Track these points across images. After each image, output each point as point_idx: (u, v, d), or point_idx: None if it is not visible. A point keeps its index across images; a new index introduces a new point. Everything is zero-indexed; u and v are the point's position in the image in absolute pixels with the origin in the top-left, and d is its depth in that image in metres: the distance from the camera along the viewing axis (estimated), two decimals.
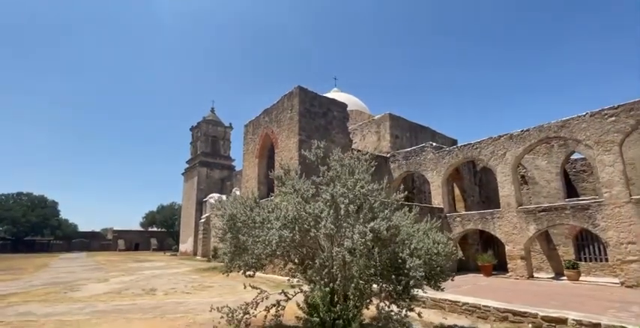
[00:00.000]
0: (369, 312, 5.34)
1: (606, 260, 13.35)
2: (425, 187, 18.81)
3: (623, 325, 4.47)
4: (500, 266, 14.18)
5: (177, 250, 36.40)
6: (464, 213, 16.25)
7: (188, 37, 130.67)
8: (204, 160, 32.88)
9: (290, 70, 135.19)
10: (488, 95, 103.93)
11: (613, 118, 11.12)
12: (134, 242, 52.52)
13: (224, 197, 20.70)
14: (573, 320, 4.92)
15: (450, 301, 6.85)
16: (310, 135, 14.70)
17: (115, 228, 54.27)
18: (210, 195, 29.50)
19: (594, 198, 12.40)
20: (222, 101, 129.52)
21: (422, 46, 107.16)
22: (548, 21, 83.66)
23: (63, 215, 53.74)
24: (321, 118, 15.47)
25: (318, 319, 4.74)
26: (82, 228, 58.11)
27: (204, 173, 32.38)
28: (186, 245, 32.45)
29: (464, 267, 16.02)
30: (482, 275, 13.93)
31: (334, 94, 28.66)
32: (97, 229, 60.04)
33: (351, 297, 4.58)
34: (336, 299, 4.91)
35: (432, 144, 17.34)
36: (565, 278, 12.70)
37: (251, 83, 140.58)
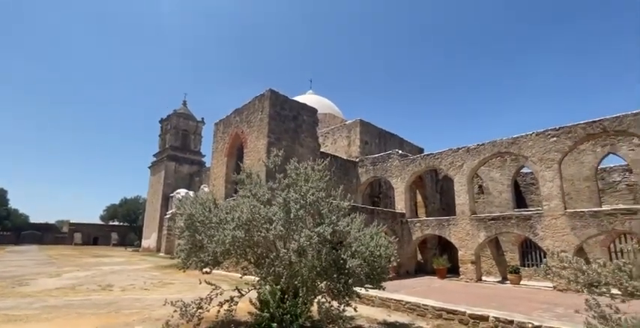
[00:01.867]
0: (320, 309, 5.77)
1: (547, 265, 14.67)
2: (390, 192, 19.62)
3: (532, 322, 5.19)
4: (454, 270, 15.14)
5: (139, 246, 35.25)
6: (423, 218, 17.17)
7: (165, 26, 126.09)
8: (173, 154, 32.14)
9: (266, 70, 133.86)
10: (460, 106, 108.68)
11: (554, 139, 12.35)
12: (92, 236, 49.98)
13: (191, 193, 20.47)
14: (493, 317, 5.62)
15: (395, 300, 7.43)
16: (279, 137, 15.01)
17: (71, 221, 51.38)
18: (178, 191, 28.94)
19: (537, 210, 13.62)
20: (194, 96, 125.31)
21: (400, 57, 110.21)
22: (524, 32, 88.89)
23: (12, 204, 50.28)
24: (291, 121, 15.82)
25: (268, 314, 5.08)
26: (35, 219, 54.67)
27: (172, 167, 31.64)
28: (149, 241, 31.55)
29: (422, 270, 16.95)
30: (437, 277, 14.84)
31: (309, 97, 29.13)
32: (52, 221, 56.71)
33: (301, 294, 4.96)
34: (286, 296, 5.28)
35: (398, 152, 18.16)
36: (508, 282, 13.83)
37: (226, 80, 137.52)
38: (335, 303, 4.67)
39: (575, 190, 15.85)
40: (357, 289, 4.88)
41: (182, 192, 27.36)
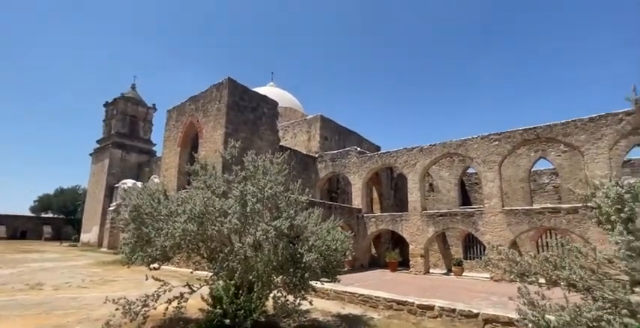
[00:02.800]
0: (275, 303, 5.73)
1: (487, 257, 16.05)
2: (348, 188, 20.05)
3: (471, 310, 5.64)
4: (404, 263, 15.92)
5: (77, 240, 32.32)
6: (378, 214, 17.81)
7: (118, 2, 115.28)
8: (120, 141, 29.75)
9: (226, 58, 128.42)
10: (418, 106, 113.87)
11: (496, 142, 13.46)
12: (20, 229, 44.73)
13: (139, 184, 19.17)
14: (438, 306, 6.03)
15: (350, 293, 7.64)
16: (237, 128, 14.57)
17: None
18: (124, 181, 26.94)
19: (479, 207, 14.76)
20: (145, 80, 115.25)
21: (365, 56, 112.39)
22: (476, 31, 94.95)
23: None
24: (250, 113, 15.41)
25: (220, 310, 4.93)
26: None
27: (118, 155, 29.31)
28: (89, 234, 29.07)
29: (376, 263, 17.60)
30: (389, 270, 15.50)
31: (269, 89, 28.61)
32: None
33: (256, 289, 4.88)
34: (240, 292, 5.16)
35: (356, 149, 18.57)
36: (452, 273, 14.88)
37: (182, 66, 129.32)
38: (290, 297, 4.66)
39: (512, 190, 17.46)
40: (313, 283, 4.92)
41: (129, 182, 25.51)
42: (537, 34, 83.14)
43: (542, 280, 3.91)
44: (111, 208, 25.52)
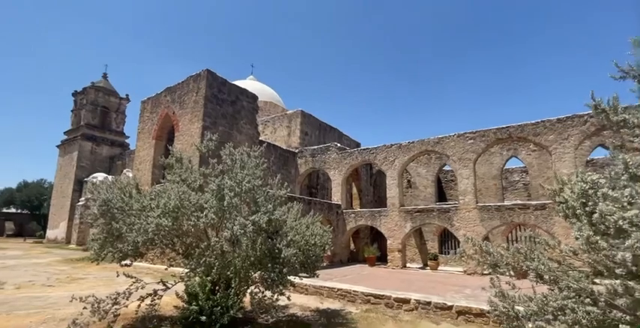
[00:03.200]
0: (252, 299, 5.66)
1: (463, 251, 16.61)
2: (327, 184, 20.10)
3: (445, 302, 5.82)
4: (382, 258, 16.19)
5: (43, 237, 30.69)
6: (358, 209, 17.98)
7: None
8: (90, 133, 28.34)
9: (205, 50, 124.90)
10: (398, 103, 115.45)
11: (471, 141, 13.88)
12: None
13: (111, 178, 18.38)
14: (414, 300, 6.18)
15: (328, 288, 7.68)
16: (216, 122, 14.22)
17: None
18: (95, 175, 25.79)
19: (454, 204, 15.21)
20: (118, 70, 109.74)
21: (346, 54, 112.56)
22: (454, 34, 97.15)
23: None
24: (229, 106, 15.07)
25: (196, 307, 4.81)
26: None
27: (88, 148, 27.94)
28: (57, 231, 27.67)
29: (354, 259, 17.79)
30: (367, 265, 15.71)
31: (249, 82, 28.13)
32: None
33: (233, 285, 4.79)
34: (217, 288, 5.06)
35: (336, 145, 18.61)
36: (428, 267, 15.29)
37: (158, 56, 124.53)
38: (268, 293, 4.61)
39: (485, 187, 18.10)
40: (292, 278, 4.89)
41: (100, 176, 24.45)
42: (517, 32, 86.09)
43: (513, 272, 4.08)
44: (80, 203, 24.38)
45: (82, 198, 24.77)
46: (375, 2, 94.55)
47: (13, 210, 44.02)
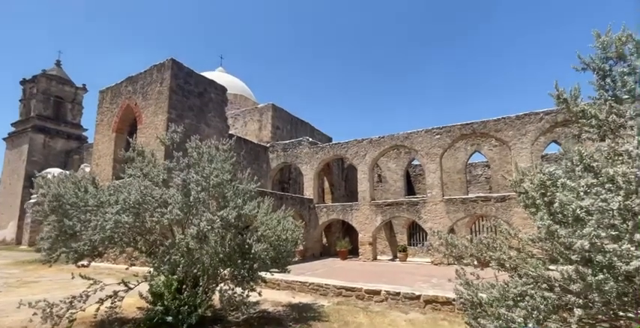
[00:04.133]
0: (222, 297, 5.50)
1: (430, 244, 17.23)
2: (299, 179, 20.00)
3: (414, 292, 6.00)
4: (354, 251, 16.43)
5: None
6: (330, 204, 18.10)
7: None
8: (42, 125, 26.17)
9: (171, 38, 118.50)
10: (369, 98, 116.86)
11: (438, 136, 14.37)
12: None
13: (67, 173, 17.14)
14: (384, 291, 6.32)
15: (300, 282, 7.66)
16: (182, 114, 13.63)
17: None
18: (48, 170, 23.90)
19: (422, 197, 15.72)
20: (73, 57, 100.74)
21: (318, 47, 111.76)
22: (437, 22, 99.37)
23: None
24: (196, 98, 14.49)
25: (162, 307, 4.60)
26: None
27: (40, 141, 25.83)
28: (5, 231, 25.49)
29: (327, 252, 17.92)
30: (339, 259, 15.89)
31: (218, 74, 27.20)
32: None
33: (201, 283, 4.62)
34: (184, 287, 4.86)
35: (308, 139, 18.54)
36: (398, 259, 15.74)
37: (118, 43, 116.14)
38: (238, 289, 4.49)
39: (451, 181, 18.87)
40: (263, 274, 4.80)
41: (54, 171, 22.70)
42: (490, 29, 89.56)
43: (477, 262, 4.26)
44: (32, 200, 22.57)
45: (33, 196, 22.95)
46: None
47: None
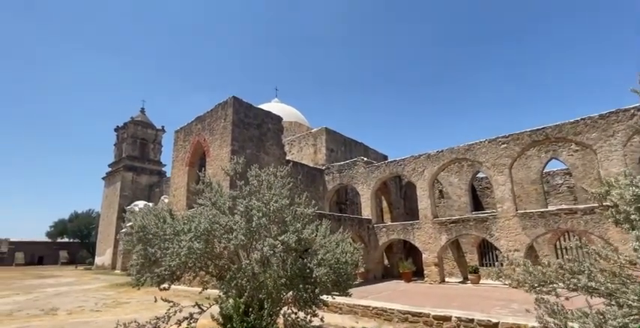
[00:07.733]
0: (286, 321, 5.61)
1: (501, 264, 15.57)
2: (357, 199, 19.88)
3: (490, 319, 5.43)
4: (419, 273, 15.53)
5: (92, 264, 32.57)
6: (389, 223, 17.54)
7: (117, 30, 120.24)
8: (130, 164, 30.42)
9: (231, 78, 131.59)
10: (423, 117, 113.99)
11: (505, 145, 13.27)
12: (37, 255, 45.34)
13: (151, 205, 19.37)
14: (455, 317, 5.81)
15: (362, 306, 7.44)
16: (243, 145, 14.75)
17: (11, 239, 46.23)
18: (136, 203, 27.28)
19: (492, 212, 14.44)
20: (153, 104, 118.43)
21: (366, 68, 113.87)
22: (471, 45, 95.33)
23: None
24: (255, 129, 15.63)
25: None
26: None
27: (129, 178, 29.89)
28: (103, 257, 29.31)
29: (389, 274, 17.21)
30: (403, 281, 15.12)
31: (274, 105, 29.04)
32: None
33: (266, 306, 4.80)
34: (250, 309, 5.08)
35: (363, 159, 18.51)
36: (469, 281, 14.44)
37: (187, 88, 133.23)
38: (301, 314, 4.56)
39: (525, 193, 17.07)
40: (324, 297, 4.82)
41: (140, 204, 25.83)
42: (549, 35, 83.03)
43: (560, 287, 3.72)
44: (123, 230, 25.77)
45: (125, 226, 26.21)
46: (394, 13, 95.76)
47: (65, 240, 47.30)
